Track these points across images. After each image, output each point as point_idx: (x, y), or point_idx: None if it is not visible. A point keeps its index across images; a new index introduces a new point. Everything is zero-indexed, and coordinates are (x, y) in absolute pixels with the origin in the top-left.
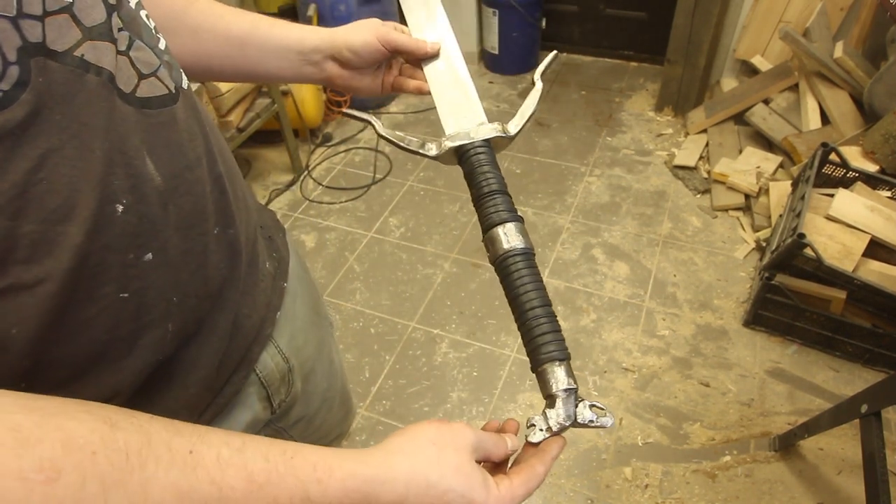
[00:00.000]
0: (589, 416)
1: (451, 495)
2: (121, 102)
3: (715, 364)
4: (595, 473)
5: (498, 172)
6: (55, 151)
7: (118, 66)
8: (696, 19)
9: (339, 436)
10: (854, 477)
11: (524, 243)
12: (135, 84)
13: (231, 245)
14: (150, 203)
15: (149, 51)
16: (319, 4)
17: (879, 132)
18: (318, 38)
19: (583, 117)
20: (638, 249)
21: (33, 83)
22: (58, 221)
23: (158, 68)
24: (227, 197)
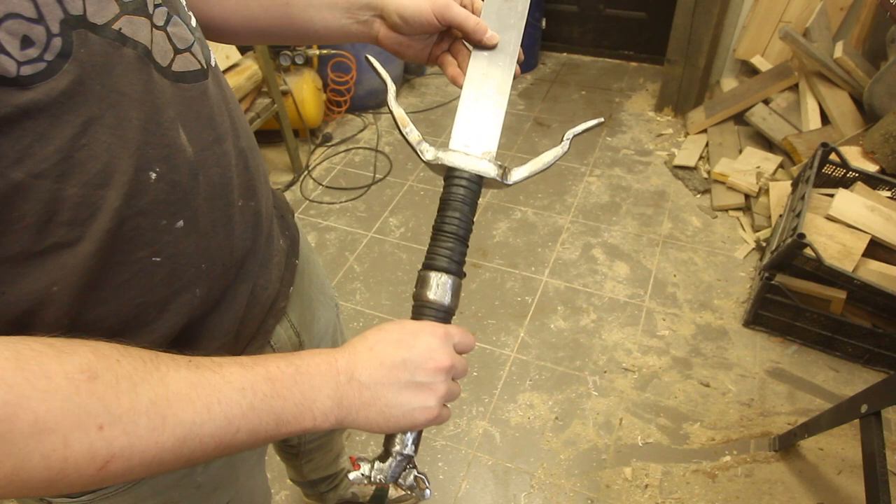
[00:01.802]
0: (410, 482)
1: (422, 334)
2: (157, 75)
3: (715, 364)
4: (595, 473)
5: (470, 215)
6: (96, 120)
7: (154, 40)
8: (696, 19)
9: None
10: (854, 477)
11: (449, 302)
12: (171, 59)
13: (254, 217)
14: (182, 172)
15: (184, 27)
16: None
17: (879, 132)
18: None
19: (583, 117)
20: (638, 249)
21: (75, 54)
22: (98, 185)
23: (192, 44)
24: (249, 171)
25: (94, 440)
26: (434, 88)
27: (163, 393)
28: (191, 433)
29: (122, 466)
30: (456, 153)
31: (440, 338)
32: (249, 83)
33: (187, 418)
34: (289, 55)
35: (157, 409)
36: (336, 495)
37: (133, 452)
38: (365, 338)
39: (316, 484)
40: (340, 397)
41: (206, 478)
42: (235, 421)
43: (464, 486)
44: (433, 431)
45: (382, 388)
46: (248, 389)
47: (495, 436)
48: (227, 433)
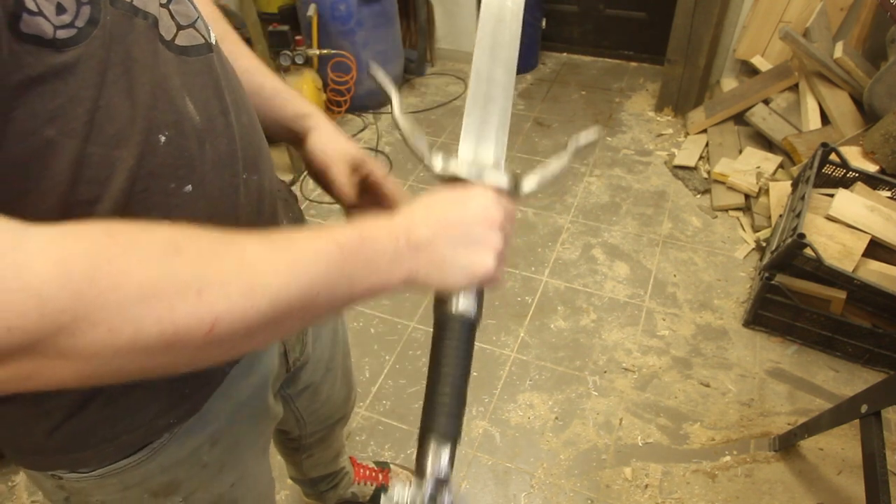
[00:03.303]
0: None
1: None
2: (162, 47)
3: (715, 364)
4: (595, 473)
5: None
6: (113, 83)
7: (161, 16)
8: (696, 19)
9: (343, 418)
10: (854, 477)
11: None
12: (174, 33)
13: (258, 192)
14: (189, 139)
15: (188, 4)
16: (319, 4)
17: (879, 132)
18: (307, 107)
19: (583, 117)
20: (638, 249)
21: (102, 21)
22: (115, 146)
23: (196, 20)
24: (253, 147)
25: (197, 304)
26: (434, 88)
27: (244, 262)
28: (279, 297)
29: (228, 328)
30: (466, 163)
31: (492, 197)
32: None
33: (273, 282)
34: (289, 55)
35: (244, 276)
36: (336, 495)
37: (234, 316)
38: (421, 202)
39: (316, 482)
40: (401, 255)
41: (212, 458)
42: (315, 284)
43: (464, 486)
44: None
45: (440, 243)
46: (322, 254)
47: (495, 436)
48: (310, 295)
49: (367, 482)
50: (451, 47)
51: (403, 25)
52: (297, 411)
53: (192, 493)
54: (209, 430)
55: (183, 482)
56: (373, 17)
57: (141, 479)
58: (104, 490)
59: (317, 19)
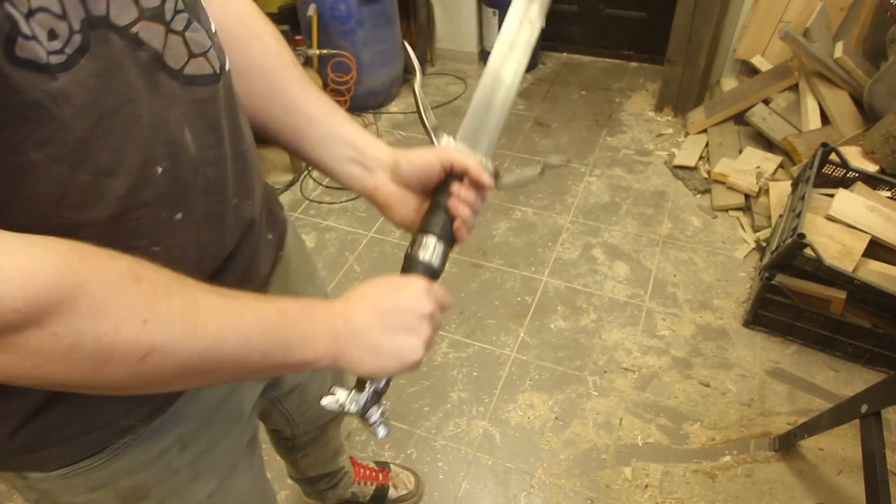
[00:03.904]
0: (376, 419)
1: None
2: (166, 78)
3: (715, 364)
4: (595, 473)
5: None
6: (111, 113)
7: (169, 44)
8: (696, 19)
9: (336, 418)
10: (854, 477)
11: (438, 265)
12: (184, 62)
13: (246, 215)
14: (185, 169)
15: (203, 33)
16: (319, 4)
17: (879, 132)
18: (383, 147)
19: (583, 117)
20: (638, 249)
21: (93, 51)
22: (106, 174)
23: (209, 49)
24: (247, 173)
25: (140, 331)
26: (434, 88)
27: (193, 305)
28: (216, 344)
29: (159, 361)
30: (462, 146)
31: (424, 288)
32: None
33: (214, 329)
34: None
35: (190, 317)
36: (335, 494)
37: (169, 350)
38: (358, 289)
39: (315, 482)
40: (337, 337)
41: (183, 463)
42: (251, 342)
43: (464, 486)
44: (433, 431)
45: (374, 330)
46: (263, 317)
47: (495, 436)
48: (244, 352)
49: (367, 482)
50: (451, 47)
51: (403, 25)
52: (286, 412)
53: (164, 501)
54: (177, 431)
55: (153, 487)
56: (373, 17)
57: (106, 480)
58: (70, 491)
59: (317, 19)
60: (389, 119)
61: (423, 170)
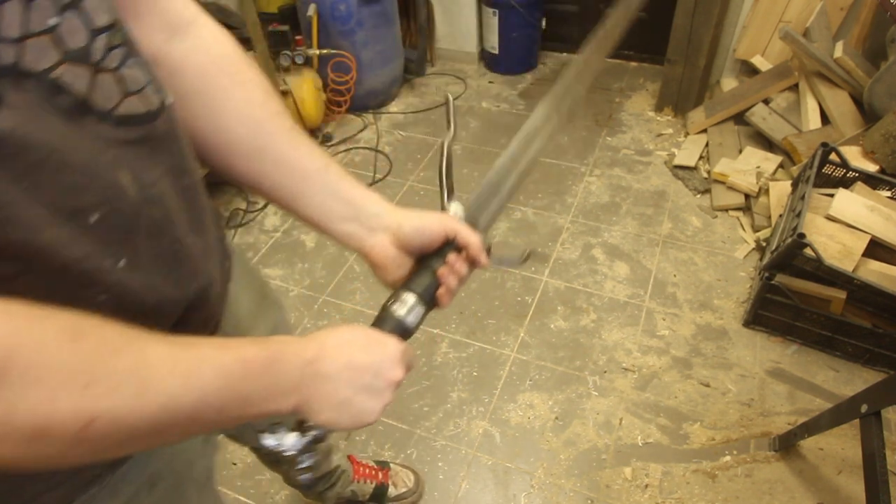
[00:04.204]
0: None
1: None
2: (95, 121)
3: (715, 364)
4: (595, 473)
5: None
6: (35, 166)
7: (98, 85)
8: (696, 19)
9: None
10: (854, 477)
11: (414, 326)
12: (116, 102)
13: (200, 252)
14: (123, 213)
15: (139, 68)
16: (319, 4)
17: (879, 132)
18: (381, 203)
19: (583, 117)
20: (638, 249)
21: (7, 102)
22: (33, 231)
23: (146, 86)
24: (196, 208)
25: (80, 398)
26: (434, 88)
27: (143, 362)
28: (168, 404)
29: (104, 429)
30: (465, 216)
31: (401, 353)
32: None
33: (166, 389)
34: (288, 55)
35: (138, 376)
36: (335, 493)
37: (116, 416)
38: (335, 335)
39: (312, 484)
40: (302, 385)
41: (153, 501)
42: (208, 398)
43: (464, 486)
44: (433, 431)
45: (342, 385)
46: (222, 369)
47: (495, 436)
48: (199, 409)
49: (366, 480)
50: (451, 47)
51: (403, 25)
52: (253, 430)
53: None
54: (147, 472)
55: None
56: (373, 17)
57: None
58: None
59: (317, 19)
60: (389, 119)
61: (427, 238)
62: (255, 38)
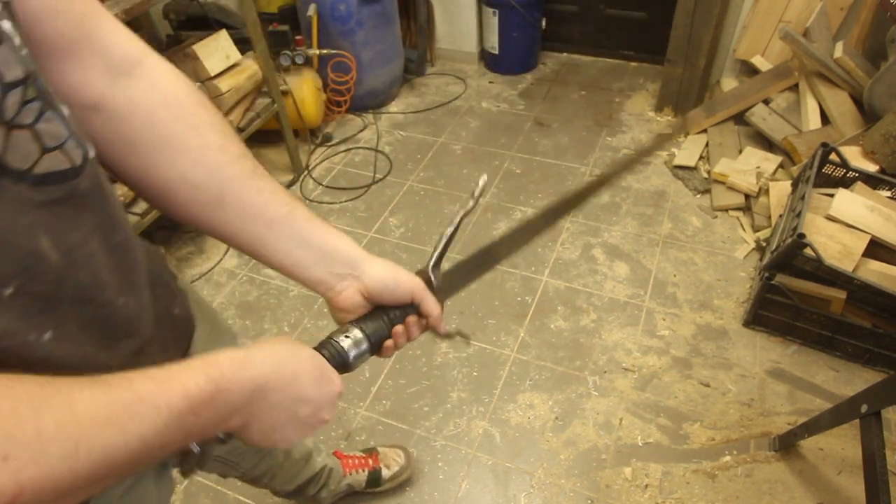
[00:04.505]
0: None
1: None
2: (10, 182)
3: (715, 364)
4: (595, 473)
5: (401, 318)
6: None
7: (11, 144)
8: (696, 19)
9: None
10: (854, 477)
11: (353, 362)
12: (34, 160)
13: (135, 311)
14: (45, 281)
15: (58, 122)
16: (319, 4)
17: (879, 132)
18: (354, 249)
19: (583, 117)
20: (638, 249)
21: None
22: None
23: (66, 141)
24: (128, 265)
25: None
26: (434, 88)
27: (71, 416)
28: (106, 457)
29: (34, 498)
30: (434, 280)
31: (338, 395)
32: (249, 83)
33: (101, 442)
34: (288, 55)
35: (67, 434)
36: (329, 492)
37: (45, 483)
38: (293, 360)
39: (301, 491)
40: (248, 410)
41: None
42: (149, 440)
43: (464, 486)
44: (433, 431)
45: (283, 413)
46: (164, 408)
47: (495, 436)
48: (141, 451)
49: (358, 470)
50: (451, 47)
51: (403, 25)
52: (221, 458)
53: None
54: None
55: None
56: (373, 17)
57: None
58: None
59: (317, 19)
60: (389, 119)
61: (394, 296)
62: (255, 38)
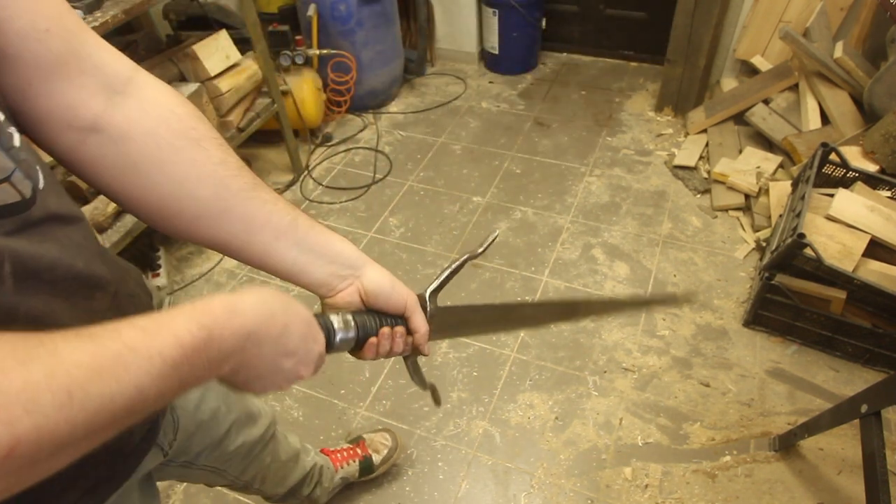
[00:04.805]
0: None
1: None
2: None
3: (715, 364)
4: (595, 473)
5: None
6: None
7: None
8: (696, 19)
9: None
10: (854, 477)
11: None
12: None
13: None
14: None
15: (3, 156)
16: (319, 4)
17: (879, 132)
18: (356, 252)
19: (583, 117)
20: (638, 249)
21: None
22: None
23: (12, 173)
24: (87, 290)
25: None
26: (434, 88)
27: (60, 366)
28: (102, 406)
29: (32, 450)
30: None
31: (319, 356)
32: (249, 83)
33: (96, 391)
34: (289, 55)
35: (58, 384)
36: (323, 490)
37: (42, 434)
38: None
39: (293, 493)
40: (240, 355)
41: None
42: (146, 389)
43: (464, 486)
44: (433, 431)
45: (268, 363)
46: (157, 357)
47: (495, 436)
48: (138, 401)
49: (349, 462)
50: (451, 47)
51: (403, 25)
52: (208, 467)
53: None
54: None
55: None
56: (373, 17)
57: None
58: None
59: (317, 19)
60: (389, 119)
61: (387, 304)
62: (255, 38)
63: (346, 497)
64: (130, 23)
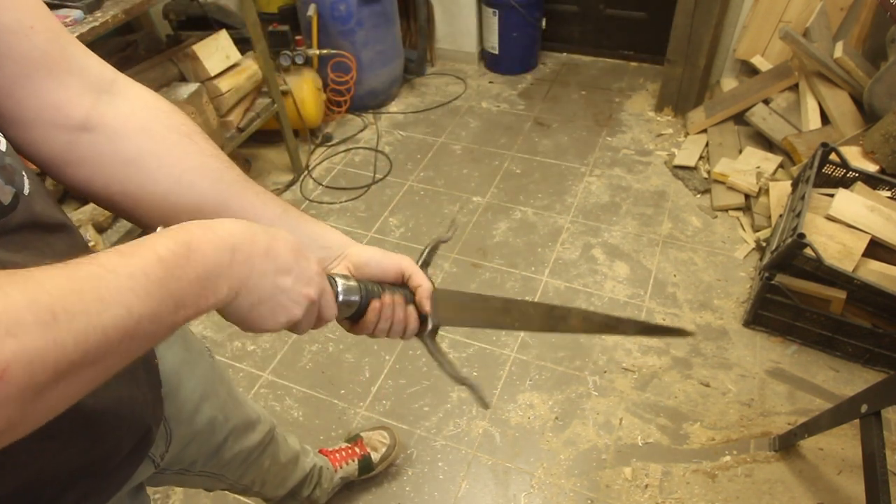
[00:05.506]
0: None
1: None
2: None
3: (715, 364)
4: (595, 473)
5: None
6: None
7: None
8: (696, 19)
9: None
10: (854, 477)
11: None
12: None
13: None
14: None
15: None
16: (319, 4)
17: (879, 132)
18: (344, 236)
19: (583, 117)
20: (638, 249)
21: None
22: None
23: None
24: None
25: None
26: (434, 88)
27: (38, 290)
28: (90, 325)
29: (24, 372)
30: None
31: (316, 274)
32: (249, 83)
33: (80, 309)
34: (289, 55)
35: (39, 305)
36: (323, 491)
37: (31, 356)
38: (265, 232)
39: (294, 495)
40: (233, 272)
41: None
42: (134, 308)
43: (464, 486)
44: (433, 431)
45: (267, 283)
46: (140, 275)
47: (495, 436)
48: (130, 322)
49: (348, 461)
50: (451, 47)
51: (403, 25)
52: (205, 473)
53: None
54: None
55: None
56: (373, 17)
57: None
58: None
59: (317, 19)
60: (389, 119)
61: (381, 270)
62: (255, 38)
63: (346, 497)
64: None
